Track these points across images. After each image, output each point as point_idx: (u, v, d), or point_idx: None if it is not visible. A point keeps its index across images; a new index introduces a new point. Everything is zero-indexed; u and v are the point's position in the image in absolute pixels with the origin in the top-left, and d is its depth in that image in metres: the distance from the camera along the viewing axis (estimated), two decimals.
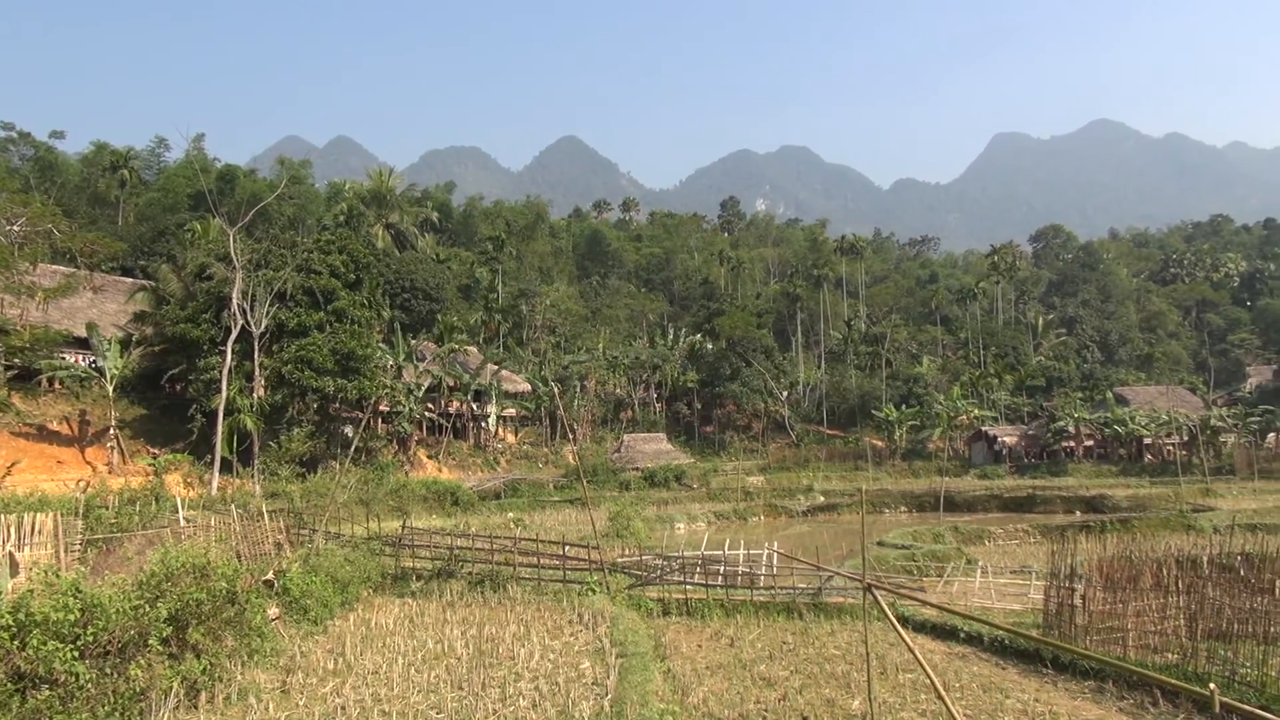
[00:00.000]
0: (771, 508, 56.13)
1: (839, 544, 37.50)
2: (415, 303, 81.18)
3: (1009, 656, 17.20)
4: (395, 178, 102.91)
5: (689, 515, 51.94)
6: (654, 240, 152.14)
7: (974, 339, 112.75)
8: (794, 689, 14.91)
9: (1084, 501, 55.38)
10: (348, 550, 26.11)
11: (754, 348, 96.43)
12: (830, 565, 26.07)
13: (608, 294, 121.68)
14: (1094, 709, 13.93)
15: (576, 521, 44.42)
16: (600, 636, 18.24)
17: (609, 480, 64.99)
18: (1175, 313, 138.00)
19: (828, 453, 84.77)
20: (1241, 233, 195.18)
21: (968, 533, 42.52)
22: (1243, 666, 15.00)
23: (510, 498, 56.94)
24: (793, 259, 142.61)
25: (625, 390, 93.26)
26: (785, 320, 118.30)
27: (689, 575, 23.89)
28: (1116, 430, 79.12)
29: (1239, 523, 38.49)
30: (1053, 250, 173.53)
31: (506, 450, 76.79)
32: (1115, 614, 17.42)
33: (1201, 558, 20.03)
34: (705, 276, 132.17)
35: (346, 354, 54.06)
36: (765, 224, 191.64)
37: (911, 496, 59.10)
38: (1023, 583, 25.65)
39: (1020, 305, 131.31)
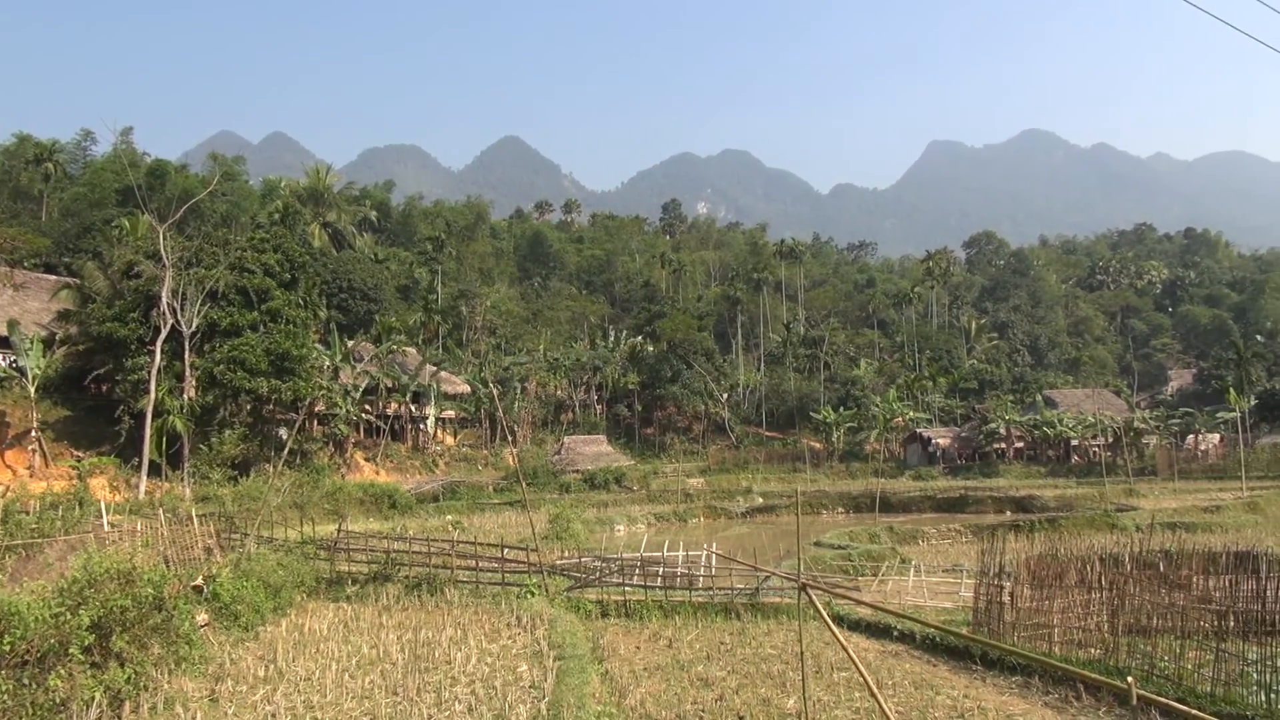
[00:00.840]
0: (711, 509, 56.50)
1: (777, 545, 37.90)
2: (353, 303, 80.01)
3: (940, 654, 17.55)
4: (333, 176, 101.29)
5: (629, 517, 52.02)
6: (595, 242, 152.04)
7: (910, 342, 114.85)
8: (731, 689, 15.03)
9: (1014, 502, 56.79)
10: (281, 555, 25.62)
11: (695, 350, 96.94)
12: (768, 566, 26.34)
13: (549, 295, 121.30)
14: (1020, 703, 14.29)
15: (516, 524, 44.20)
16: (538, 639, 18.19)
17: (549, 482, 64.75)
18: (1101, 318, 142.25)
19: (767, 454, 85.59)
20: (1164, 241, 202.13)
21: (902, 533, 43.29)
22: (1161, 660, 15.53)
23: (449, 500, 56.41)
24: (733, 262, 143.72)
25: (566, 392, 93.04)
26: (726, 323, 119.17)
27: (628, 577, 23.93)
28: (1045, 432, 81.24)
29: (1159, 522, 39.84)
30: (985, 256, 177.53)
31: (445, 452, 76.04)
32: (1042, 610, 17.91)
33: (1124, 556, 20.73)
34: (647, 279, 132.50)
35: (281, 354, 53.06)
36: (706, 227, 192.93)
37: (848, 497, 59.97)
38: (954, 581, 26.22)
39: (954, 310, 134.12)
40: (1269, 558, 22.02)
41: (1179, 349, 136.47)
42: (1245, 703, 13.26)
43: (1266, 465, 71.30)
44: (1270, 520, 44.22)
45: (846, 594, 18.93)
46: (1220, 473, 70.60)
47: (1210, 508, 47.53)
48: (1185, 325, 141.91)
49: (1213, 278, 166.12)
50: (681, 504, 57.89)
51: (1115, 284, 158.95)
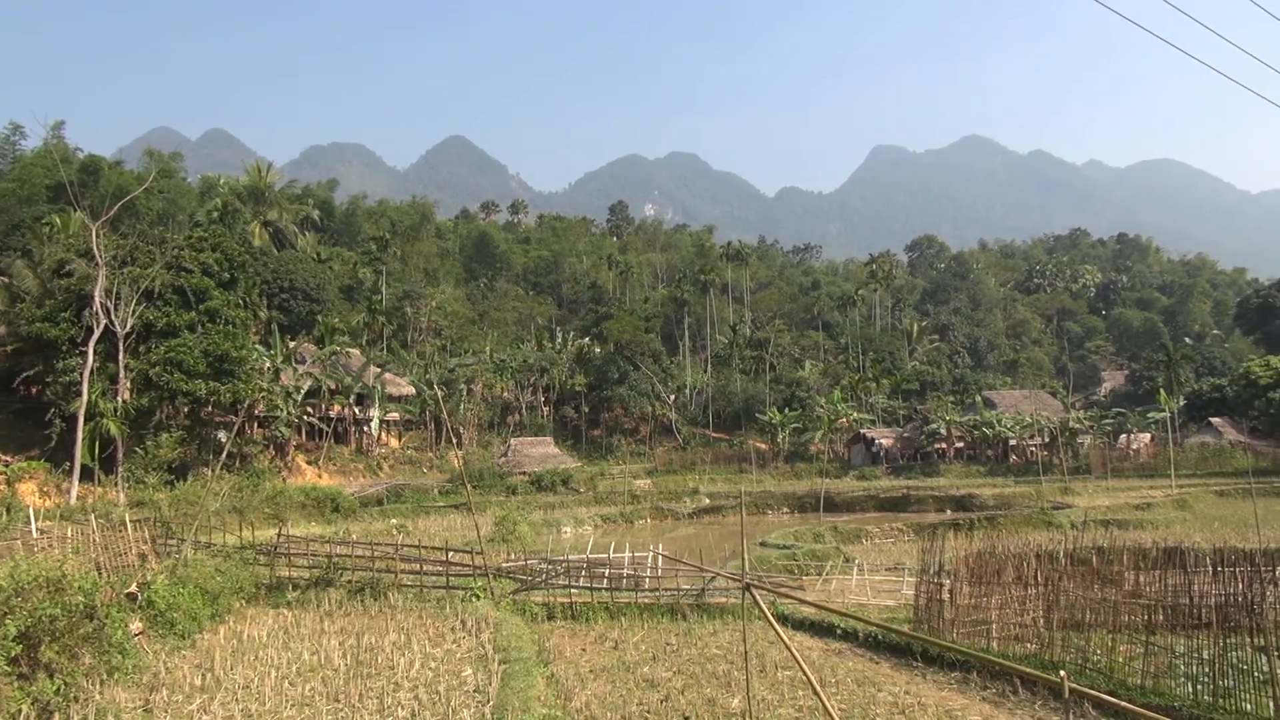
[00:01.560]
0: (658, 511, 56.62)
1: (723, 545, 38.11)
2: (294, 303, 78.63)
3: (882, 651, 17.82)
4: (274, 173, 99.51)
5: (576, 519, 51.92)
6: (542, 243, 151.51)
7: (853, 344, 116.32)
8: (676, 690, 15.08)
9: (954, 501, 57.84)
10: (219, 560, 25.09)
11: (642, 351, 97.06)
12: (714, 566, 26.48)
13: (495, 296, 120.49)
14: (960, 699, 14.56)
15: (461, 527, 43.87)
16: (483, 643, 18.06)
17: (495, 485, 64.36)
18: (1038, 320, 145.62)
19: (713, 455, 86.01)
20: (1098, 246, 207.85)
21: (846, 532, 43.86)
22: (1094, 654, 15.94)
23: (394, 504, 55.77)
24: (680, 264, 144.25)
25: (512, 394, 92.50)
26: (673, 324, 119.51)
27: (574, 579, 23.89)
28: (984, 432, 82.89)
29: (1093, 519, 40.95)
30: (927, 260, 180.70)
31: (390, 455, 75.12)
32: (980, 607, 18.28)
33: (1059, 553, 21.24)
34: (594, 280, 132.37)
35: (220, 356, 51.96)
36: (654, 229, 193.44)
37: (794, 498, 60.55)
38: (896, 579, 26.63)
39: (897, 312, 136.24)
40: (1196, 553, 22.77)
41: (1112, 351, 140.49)
42: (1173, 694, 13.68)
43: (1195, 463, 73.63)
44: (1198, 517, 45.70)
45: (790, 594, 19.11)
46: (1151, 471, 72.74)
47: (1142, 505, 48.96)
48: (1118, 328, 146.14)
49: (1144, 282, 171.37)
50: (628, 505, 57.93)
51: (1051, 287, 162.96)
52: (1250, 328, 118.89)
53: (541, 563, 26.29)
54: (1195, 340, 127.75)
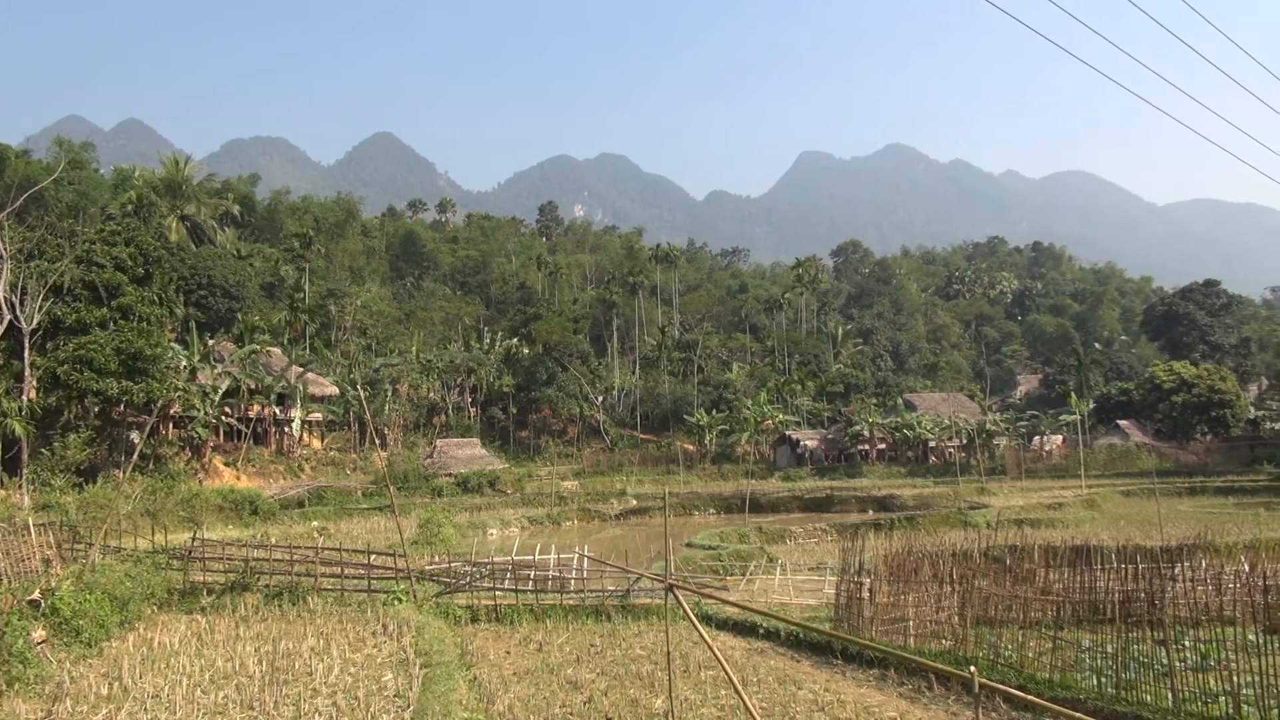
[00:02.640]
0: (585, 512, 56.57)
1: (650, 546, 38.24)
2: (213, 300, 76.48)
3: (804, 649, 18.09)
4: (192, 166, 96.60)
5: (502, 521, 51.58)
6: (471, 243, 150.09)
7: (780, 347, 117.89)
8: (600, 691, 15.10)
9: (876, 501, 59.00)
10: (130, 565, 24.25)
11: (570, 353, 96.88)
12: (641, 567, 26.58)
13: (422, 296, 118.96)
14: (877, 695, 14.86)
15: (385, 529, 43.22)
16: (405, 647, 17.82)
17: (420, 486, 63.55)
18: (957, 325, 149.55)
19: (641, 457, 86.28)
20: (1014, 254, 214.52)
21: (771, 533, 44.40)
22: (1006, 649, 16.43)
23: (315, 506, 54.66)
24: (610, 266, 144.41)
25: (439, 394, 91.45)
26: (602, 326, 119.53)
27: (499, 581, 23.73)
28: (906, 434, 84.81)
29: (1007, 518, 42.18)
30: (852, 265, 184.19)
31: (312, 456, 73.55)
32: (898, 605, 18.69)
33: (974, 551, 21.84)
34: (523, 281, 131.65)
35: (133, 354, 50.24)
36: (583, 230, 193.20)
37: (720, 499, 61.07)
38: (819, 579, 27.06)
39: (822, 316, 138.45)
40: (1102, 551, 23.66)
41: (1027, 355, 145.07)
42: (1079, 687, 14.18)
43: (1103, 464, 76.44)
44: (1106, 516, 47.46)
45: (713, 594, 19.30)
46: (1063, 472, 75.26)
47: (1053, 505, 50.63)
48: (1033, 333, 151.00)
49: (1057, 289, 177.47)
50: (556, 507, 57.75)
51: (970, 293, 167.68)
52: (1155, 334, 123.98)
53: (466, 565, 26.05)
54: (1104, 346, 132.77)
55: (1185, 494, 58.75)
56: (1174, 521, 39.69)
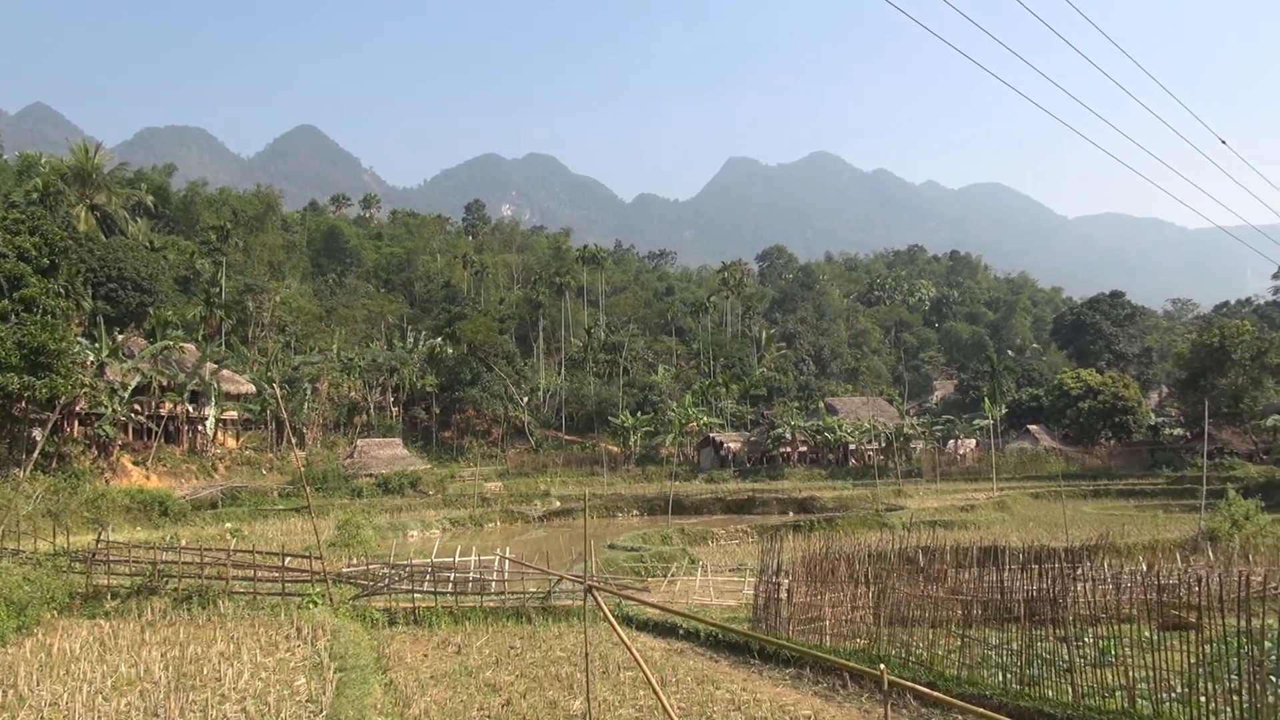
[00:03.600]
0: (509, 513, 56.22)
1: (573, 548, 38.15)
2: (124, 294, 73.78)
3: (722, 650, 18.27)
4: (103, 154, 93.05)
5: (423, 522, 50.93)
6: (395, 240, 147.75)
7: (705, 350, 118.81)
8: (519, 694, 15.02)
9: (796, 503, 59.90)
10: (29, 568, 23.33)
11: (496, 353, 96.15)
12: (563, 569, 26.53)
13: (344, 293, 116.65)
14: (793, 694, 15.10)
15: (302, 531, 42.35)
16: (319, 651, 17.47)
17: (340, 487, 62.37)
18: (878, 331, 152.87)
19: (565, 458, 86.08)
20: (933, 262, 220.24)
21: (693, 534, 44.72)
22: (917, 648, 16.85)
23: (229, 507, 53.22)
24: (536, 266, 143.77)
25: (360, 394, 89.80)
26: (528, 326, 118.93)
27: (418, 584, 23.43)
28: (826, 437, 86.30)
29: (922, 520, 43.31)
30: (776, 269, 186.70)
31: (226, 456, 71.51)
32: (815, 605, 19.03)
33: (889, 552, 22.34)
34: (448, 279, 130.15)
35: (36, 348, 48.22)
36: (510, 230, 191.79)
37: (644, 500, 61.27)
38: (739, 580, 27.37)
39: (747, 319, 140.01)
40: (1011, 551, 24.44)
41: (943, 361, 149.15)
42: (986, 683, 14.63)
43: (1014, 468, 78.95)
44: (1015, 517, 49.02)
45: (634, 596, 19.38)
46: (976, 475, 77.48)
47: (966, 507, 52.10)
48: (949, 340, 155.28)
49: (973, 297, 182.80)
50: (478, 508, 57.27)
51: (890, 300, 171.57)
52: (1064, 343, 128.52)
53: (384, 567, 25.67)
54: (1017, 353, 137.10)
55: (1090, 496, 61.02)
56: (1079, 523, 41.19)
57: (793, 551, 22.45)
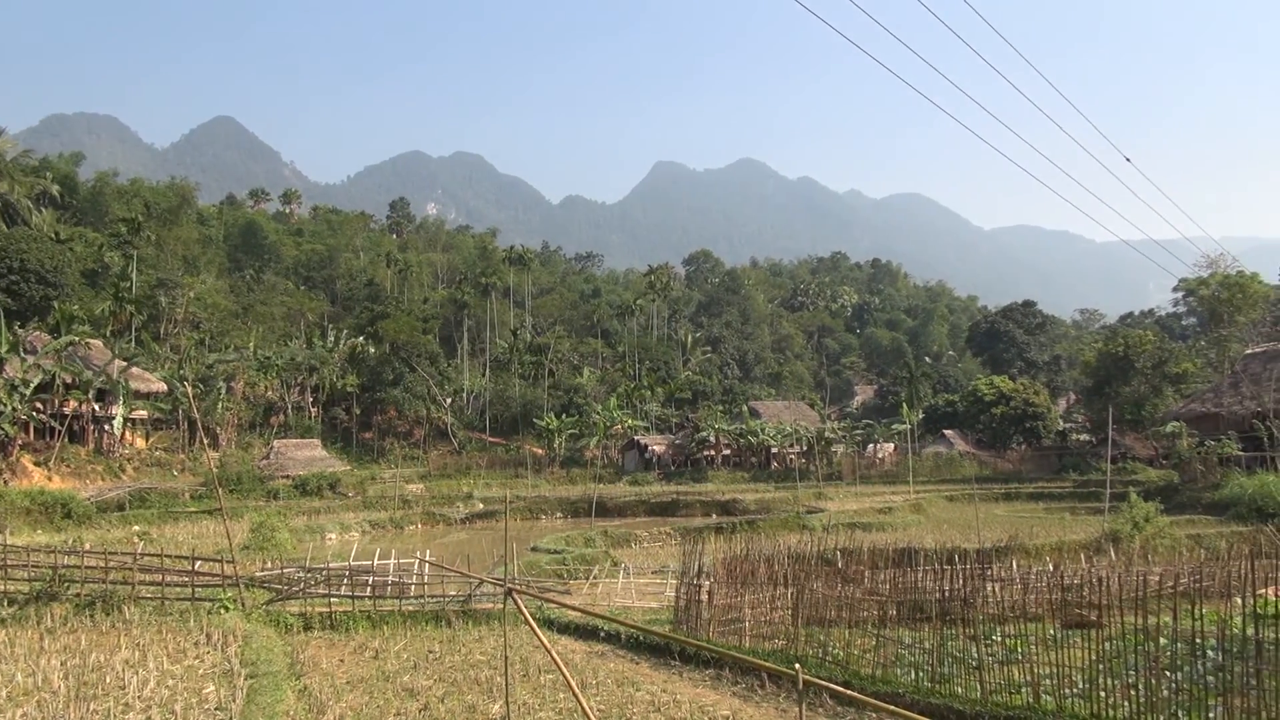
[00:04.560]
0: (430, 515, 55.49)
1: (495, 550, 37.82)
2: (26, 287, 70.63)
3: (643, 652, 18.33)
4: (5, 141, 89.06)
5: (342, 525, 49.94)
6: (317, 236, 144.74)
7: (631, 353, 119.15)
8: (437, 698, 14.84)
9: (719, 505, 60.42)
10: None
11: (419, 353, 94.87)
12: (485, 572, 26.28)
13: (262, 290, 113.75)
14: (712, 695, 15.23)
15: (214, 534, 41.14)
16: (230, 657, 16.99)
17: (255, 489, 60.76)
18: (801, 336, 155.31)
19: (489, 460, 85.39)
20: (855, 269, 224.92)
21: (617, 536, 44.73)
22: (834, 648, 17.15)
23: (137, 509, 51.35)
24: (462, 266, 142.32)
25: (278, 393, 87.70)
26: (452, 327, 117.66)
27: (335, 587, 22.96)
28: (750, 440, 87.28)
29: (841, 522, 44.11)
30: (702, 274, 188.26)
31: (135, 456, 69.08)
32: (735, 606, 19.21)
33: (808, 554, 22.69)
34: (371, 278, 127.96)
35: None
36: (435, 228, 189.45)
37: (568, 503, 61.10)
38: (660, 582, 27.50)
39: (672, 323, 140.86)
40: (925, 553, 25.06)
41: (864, 367, 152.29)
42: (899, 681, 14.96)
43: (930, 471, 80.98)
44: (930, 519, 50.27)
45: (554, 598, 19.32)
46: (893, 478, 79.25)
47: (884, 509, 53.17)
48: (870, 346, 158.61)
49: (893, 304, 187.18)
50: (399, 510, 56.37)
51: (813, 306, 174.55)
52: (979, 350, 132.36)
53: (300, 571, 25.09)
54: (934, 359, 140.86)
55: (1001, 499, 62.88)
56: (990, 525, 42.42)
57: (714, 553, 22.65)
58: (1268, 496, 42.32)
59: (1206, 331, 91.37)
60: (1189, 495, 51.52)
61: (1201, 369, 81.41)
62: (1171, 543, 31.04)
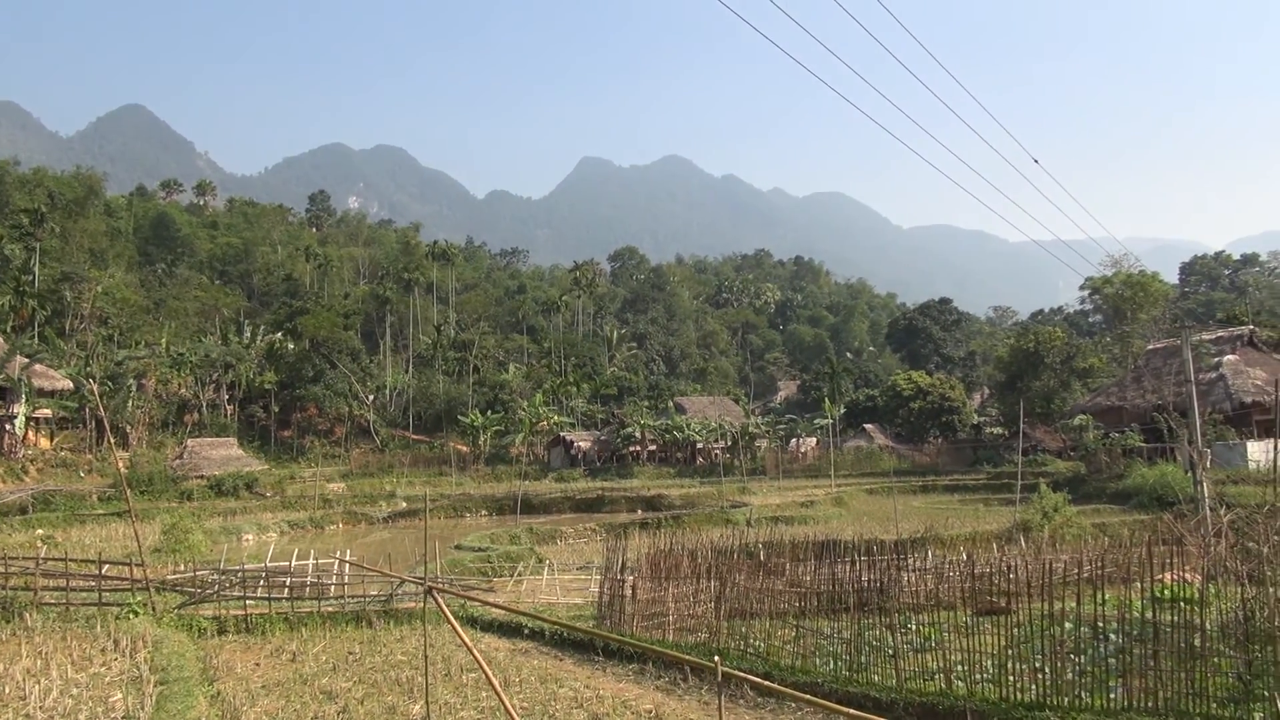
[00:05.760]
0: (352, 515, 54.53)
1: (418, 549, 37.31)
2: None
3: (567, 648, 18.32)
4: None
5: (259, 525, 48.75)
6: (233, 229, 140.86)
7: (556, 349, 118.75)
8: (356, 700, 14.61)
9: (645, 501, 60.62)
10: None
11: (340, 349, 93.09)
12: (407, 571, 25.93)
13: (175, 284, 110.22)
14: (635, 689, 15.31)
15: (123, 537, 39.79)
16: (139, 663, 16.44)
17: (168, 490, 58.91)
18: (725, 333, 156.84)
19: (413, 458, 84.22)
20: (778, 267, 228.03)
21: (542, 533, 44.59)
22: (756, 640, 17.39)
23: (42, 512, 49.31)
24: (384, 261, 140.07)
25: (192, 391, 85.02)
26: (374, 323, 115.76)
27: (251, 589, 22.40)
28: (675, 436, 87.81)
29: (764, 516, 44.69)
30: (628, 270, 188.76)
31: (39, 457, 66.28)
32: (659, 601, 19.32)
33: (731, 547, 22.95)
34: (289, 272, 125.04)
35: None
36: (357, 222, 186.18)
37: (493, 500, 60.64)
38: (586, 578, 27.52)
39: (598, 319, 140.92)
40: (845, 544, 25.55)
41: (787, 363, 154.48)
42: (818, 671, 15.25)
43: (851, 465, 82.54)
44: (851, 512, 51.24)
45: (478, 596, 19.18)
46: (816, 472, 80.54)
47: (806, 503, 54.04)
48: (793, 342, 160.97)
49: (815, 301, 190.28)
50: (319, 510, 55.24)
51: (738, 302, 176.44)
52: (898, 346, 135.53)
53: (214, 573, 24.41)
54: (855, 355, 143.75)
55: (919, 491, 64.41)
56: (908, 516, 43.43)
57: (639, 549, 22.73)
58: (1167, 486, 44.10)
59: (1111, 328, 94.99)
60: (1095, 485, 53.47)
61: (1107, 364, 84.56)
62: (1078, 531, 32.15)
